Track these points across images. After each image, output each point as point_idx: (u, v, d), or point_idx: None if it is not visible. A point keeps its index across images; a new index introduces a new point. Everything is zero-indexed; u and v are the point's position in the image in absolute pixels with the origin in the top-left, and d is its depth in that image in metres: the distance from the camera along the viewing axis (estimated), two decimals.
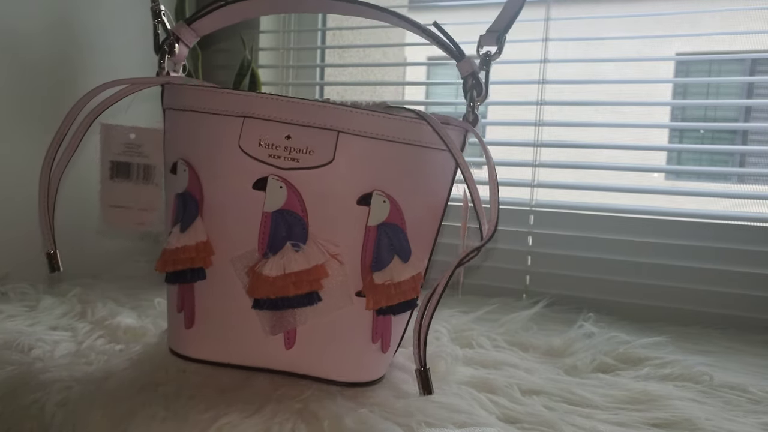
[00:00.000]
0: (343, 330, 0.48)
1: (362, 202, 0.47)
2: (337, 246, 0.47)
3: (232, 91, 0.47)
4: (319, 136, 0.46)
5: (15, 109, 0.79)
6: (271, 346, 0.49)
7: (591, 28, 0.92)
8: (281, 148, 0.46)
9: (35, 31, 0.81)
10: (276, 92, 1.14)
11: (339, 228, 0.47)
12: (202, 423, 0.43)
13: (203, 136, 0.48)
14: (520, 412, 0.48)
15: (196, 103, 0.48)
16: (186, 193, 0.49)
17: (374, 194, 0.47)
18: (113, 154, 0.54)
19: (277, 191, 0.46)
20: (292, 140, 0.46)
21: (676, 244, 0.82)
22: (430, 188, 0.50)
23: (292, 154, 0.46)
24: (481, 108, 0.54)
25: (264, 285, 0.46)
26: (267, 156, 0.46)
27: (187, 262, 0.48)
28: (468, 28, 1.01)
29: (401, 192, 0.47)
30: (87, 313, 0.69)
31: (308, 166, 0.46)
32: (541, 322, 0.74)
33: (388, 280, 0.47)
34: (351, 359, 0.50)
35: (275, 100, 0.46)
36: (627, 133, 0.99)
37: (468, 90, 0.51)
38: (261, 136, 0.46)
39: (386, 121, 0.46)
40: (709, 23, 0.96)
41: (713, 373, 0.58)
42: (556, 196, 0.91)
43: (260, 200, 0.46)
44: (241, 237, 0.47)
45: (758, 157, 1.67)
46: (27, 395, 0.47)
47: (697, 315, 0.80)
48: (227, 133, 0.47)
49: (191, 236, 0.48)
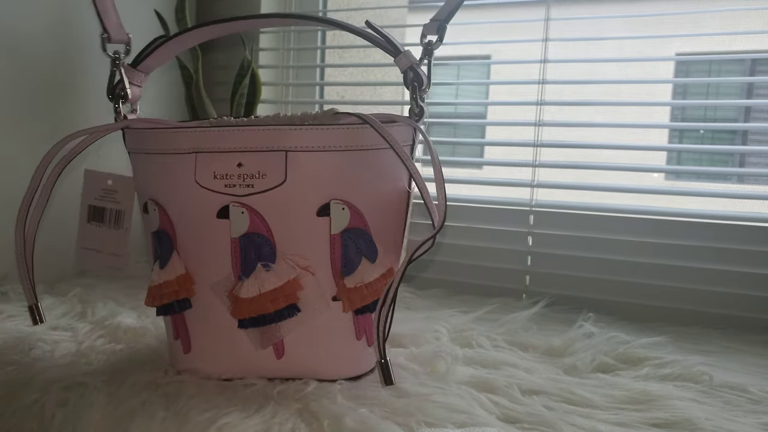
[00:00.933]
0: (327, 333, 0.51)
1: (322, 213, 0.48)
2: (306, 258, 0.49)
3: (180, 128, 0.49)
4: (268, 159, 0.47)
5: (15, 110, 0.80)
6: (264, 358, 0.51)
7: (591, 28, 0.92)
8: (235, 177, 0.48)
9: (36, 31, 0.81)
10: (276, 92, 1.14)
11: (304, 241, 0.49)
12: (202, 423, 0.43)
13: (163, 176, 0.50)
14: (519, 412, 0.48)
15: (153, 145, 0.50)
16: (160, 231, 0.51)
17: (332, 203, 0.48)
18: (92, 199, 0.56)
19: (240, 216, 0.48)
20: (244, 167, 0.48)
21: (675, 244, 0.82)
22: (387, 187, 0.51)
23: (246, 181, 0.48)
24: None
25: (243, 306, 0.48)
26: (223, 186, 0.48)
27: (171, 295, 0.51)
28: (468, 28, 1.01)
29: (358, 196, 0.49)
30: (87, 313, 0.69)
31: (263, 189, 0.48)
32: (540, 322, 0.74)
33: (359, 282, 0.49)
34: (340, 357, 0.52)
35: (221, 131, 0.48)
36: (627, 133, 0.99)
37: (410, 83, 0.52)
38: (214, 168, 0.48)
39: (330, 132, 0.47)
40: (709, 23, 0.96)
41: (713, 373, 0.58)
42: (556, 196, 0.91)
43: (226, 228, 0.49)
44: (216, 264, 0.50)
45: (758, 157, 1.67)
46: (27, 395, 0.47)
47: (696, 315, 0.80)
48: (183, 170, 0.49)
49: (170, 272, 0.50)
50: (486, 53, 1.73)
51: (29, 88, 0.81)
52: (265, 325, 0.49)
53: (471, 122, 1.58)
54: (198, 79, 0.90)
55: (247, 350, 0.50)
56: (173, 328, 0.53)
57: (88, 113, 0.88)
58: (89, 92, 0.88)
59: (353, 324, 0.51)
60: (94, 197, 0.57)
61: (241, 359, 0.51)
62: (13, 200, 0.80)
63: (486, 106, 1.34)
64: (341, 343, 0.52)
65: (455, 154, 1.71)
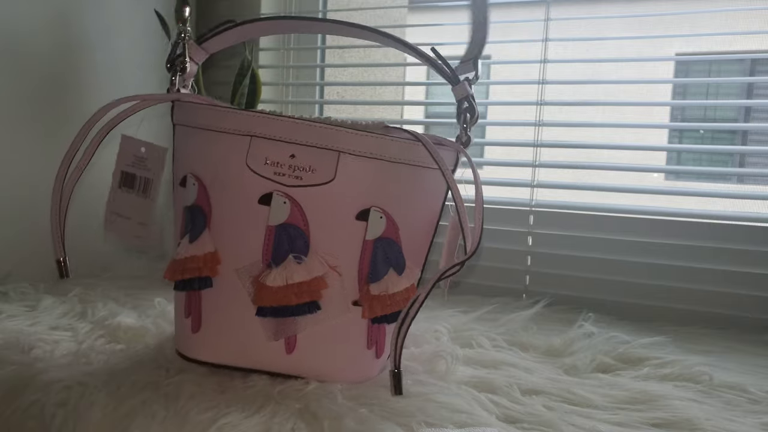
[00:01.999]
0: (340, 336, 0.51)
1: (361, 218, 0.49)
2: (336, 258, 0.50)
3: (240, 111, 0.50)
4: (321, 156, 0.49)
5: (16, 109, 0.80)
6: (273, 351, 0.51)
7: (591, 28, 0.92)
8: (286, 167, 0.49)
9: (36, 31, 0.81)
10: (276, 92, 1.14)
11: (338, 241, 0.50)
12: (202, 423, 0.43)
13: (213, 153, 0.51)
14: (519, 411, 0.48)
15: (207, 121, 0.51)
16: (194, 206, 0.51)
17: (372, 210, 0.50)
18: (125, 165, 0.57)
19: (281, 206, 0.49)
20: (296, 159, 0.49)
21: (675, 244, 0.82)
22: (424, 204, 0.53)
23: (296, 173, 0.49)
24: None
25: (267, 294, 0.48)
26: (272, 174, 0.49)
27: (195, 271, 0.50)
28: (468, 29, 1.01)
29: (397, 208, 0.50)
30: (87, 313, 0.69)
31: (311, 183, 0.49)
32: (540, 321, 0.74)
33: (383, 291, 0.50)
34: (347, 363, 0.52)
35: (281, 121, 0.49)
36: (627, 133, 0.99)
37: (462, 113, 0.54)
38: (267, 155, 0.49)
39: (384, 142, 0.49)
40: (709, 23, 0.96)
41: (713, 373, 0.58)
42: (556, 196, 0.91)
43: (264, 214, 0.49)
44: (246, 248, 0.50)
45: (758, 157, 1.67)
46: (27, 395, 0.47)
47: (696, 315, 0.80)
48: (235, 151, 0.49)
49: (199, 247, 0.50)
50: (486, 53, 1.73)
51: (30, 88, 0.81)
52: (284, 316, 0.49)
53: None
54: (198, 78, 0.90)
55: (258, 340, 0.50)
56: (186, 305, 0.53)
57: (88, 113, 0.88)
58: (89, 91, 0.88)
59: (366, 332, 0.52)
60: (127, 163, 0.57)
61: (250, 348, 0.51)
62: (14, 200, 0.80)
63: (486, 106, 1.34)
64: (351, 349, 0.52)
65: None
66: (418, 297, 0.45)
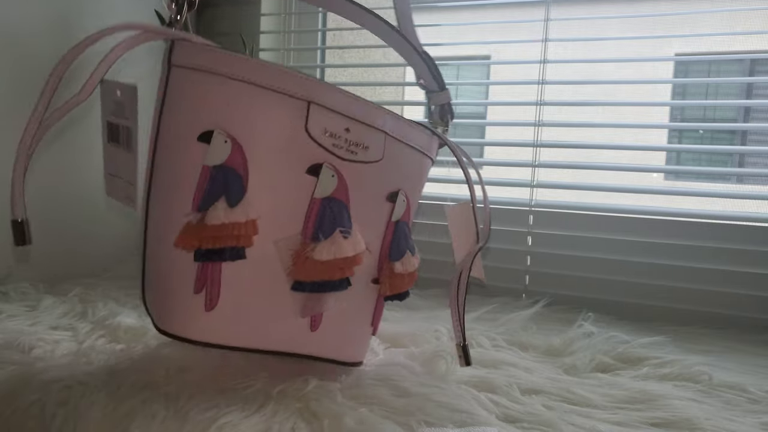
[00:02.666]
0: (355, 314, 0.53)
1: (390, 199, 0.52)
2: (367, 236, 0.50)
3: (297, 73, 0.46)
4: (373, 135, 0.49)
5: (16, 110, 0.80)
6: (298, 329, 0.50)
7: (590, 28, 0.92)
8: (342, 139, 0.48)
9: (36, 30, 0.81)
10: None
11: (371, 220, 0.51)
12: (202, 423, 0.43)
13: (263, 112, 0.45)
14: (519, 411, 0.48)
15: (244, 74, 0.45)
16: (226, 167, 0.45)
17: (399, 193, 0.53)
18: (108, 114, 0.48)
19: (330, 179, 0.48)
20: (350, 134, 0.48)
21: (674, 244, 0.83)
22: (420, 190, 0.58)
23: (351, 147, 0.48)
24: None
25: (313, 268, 0.47)
26: (331, 145, 0.47)
27: (230, 240, 0.45)
28: (468, 29, 1.01)
29: (411, 192, 0.54)
30: (88, 313, 0.69)
31: (364, 160, 0.49)
32: (540, 321, 0.74)
33: (405, 270, 0.53)
34: (355, 342, 0.55)
35: (339, 92, 0.47)
36: (626, 133, 1.00)
37: (444, 115, 0.60)
38: (326, 124, 0.47)
39: (416, 132, 0.54)
40: (709, 23, 0.96)
41: (712, 373, 0.58)
42: (555, 196, 0.91)
43: (309, 185, 0.47)
44: (287, 219, 0.47)
45: (757, 158, 1.67)
46: (28, 395, 0.47)
47: (696, 315, 0.80)
48: (293, 114, 0.46)
49: (242, 212, 0.45)
50: (486, 53, 1.73)
51: (30, 87, 0.81)
52: (323, 291, 0.48)
53: (471, 122, 1.58)
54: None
55: (283, 317, 0.49)
56: (198, 279, 0.46)
57: (89, 113, 0.88)
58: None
59: (373, 311, 0.55)
60: (111, 112, 0.49)
61: (273, 326, 0.49)
62: None
63: (486, 106, 1.34)
64: (360, 328, 0.55)
65: None
66: (462, 272, 0.52)
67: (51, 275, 0.81)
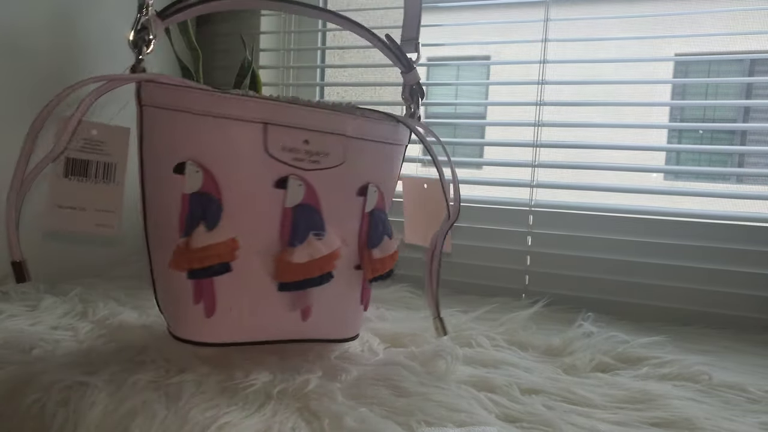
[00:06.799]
0: (344, 298, 0.59)
1: (360, 193, 0.56)
2: (343, 230, 0.55)
3: (251, 98, 0.50)
4: (332, 141, 0.53)
5: (16, 110, 0.80)
6: (291, 321, 0.56)
7: (590, 28, 0.92)
8: (302, 152, 0.52)
9: (36, 31, 0.81)
10: (276, 92, 1.14)
11: (345, 216, 0.56)
12: (202, 422, 0.43)
13: (219, 140, 0.50)
14: (519, 411, 0.48)
15: (201, 107, 0.49)
16: (202, 194, 0.50)
17: (369, 186, 0.57)
18: (73, 151, 0.51)
19: (297, 188, 0.52)
20: (310, 144, 0.52)
21: (674, 244, 0.83)
22: (395, 176, 0.62)
23: (313, 157, 0.53)
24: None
25: (294, 271, 0.52)
26: (292, 159, 0.52)
27: (215, 258, 0.51)
28: (468, 29, 1.01)
29: (384, 182, 0.58)
30: (88, 313, 0.69)
31: (327, 166, 0.53)
32: (540, 321, 0.74)
33: (383, 254, 0.57)
34: (348, 320, 0.61)
35: (293, 108, 0.51)
36: (626, 133, 0.99)
37: (414, 95, 0.63)
38: (284, 142, 0.51)
39: (379, 125, 0.56)
40: (708, 24, 0.96)
41: (712, 373, 0.58)
42: (555, 196, 0.92)
43: (279, 197, 0.52)
44: (263, 230, 0.52)
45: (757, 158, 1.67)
46: (28, 395, 0.47)
47: (695, 315, 0.80)
48: (251, 138, 0.50)
49: (220, 234, 0.51)
50: (486, 54, 1.73)
51: (30, 88, 0.81)
52: (305, 288, 0.53)
53: (471, 122, 1.58)
54: (198, 79, 0.90)
55: (276, 313, 0.55)
56: (195, 292, 0.53)
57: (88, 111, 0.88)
58: (88, 91, 0.88)
59: (360, 291, 0.60)
60: (73, 148, 0.50)
61: (268, 322, 0.55)
62: None
63: (486, 106, 1.34)
64: (351, 308, 0.60)
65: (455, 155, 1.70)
66: (435, 247, 0.57)
67: (51, 275, 0.81)
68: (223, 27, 1.09)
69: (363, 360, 0.58)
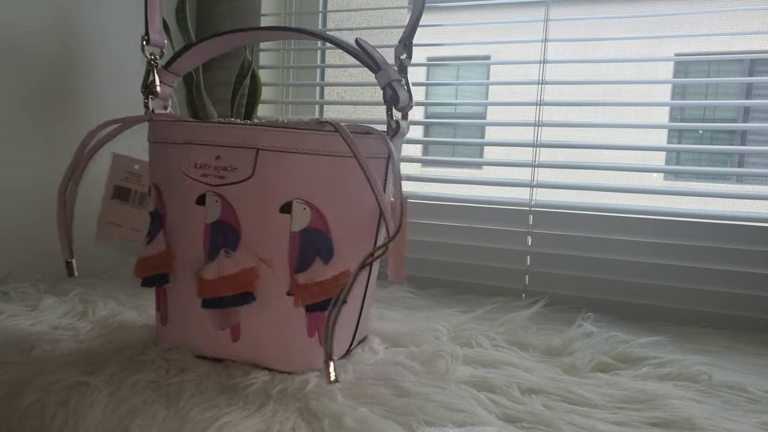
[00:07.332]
0: (281, 325, 0.54)
1: (284, 210, 0.52)
2: (266, 251, 0.52)
3: (180, 121, 0.55)
4: (241, 155, 0.52)
5: (16, 110, 0.80)
6: (221, 340, 0.55)
7: (590, 28, 0.92)
8: (211, 168, 0.53)
9: (36, 31, 0.81)
10: (276, 93, 1.14)
11: (267, 234, 0.52)
12: (202, 422, 0.43)
13: (162, 162, 0.57)
14: (519, 411, 0.48)
15: (158, 136, 0.57)
16: (154, 212, 0.57)
17: (294, 202, 0.51)
18: (118, 180, 0.65)
19: (214, 205, 0.53)
20: (220, 160, 0.53)
21: (674, 244, 0.83)
22: (357, 195, 0.53)
23: (219, 173, 0.53)
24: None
25: (205, 287, 0.52)
26: (200, 175, 0.53)
27: (153, 269, 0.56)
28: (468, 29, 1.01)
29: (324, 199, 0.52)
30: (88, 313, 0.69)
31: (232, 181, 0.52)
32: (540, 321, 0.74)
33: (310, 280, 0.51)
34: (291, 350, 0.54)
35: (207, 126, 0.53)
36: (626, 133, 1.00)
37: (387, 101, 0.56)
38: (196, 159, 0.53)
39: (301, 136, 0.51)
40: (709, 24, 0.96)
41: (712, 373, 0.58)
42: (555, 196, 0.92)
43: (204, 213, 0.53)
44: (191, 246, 0.54)
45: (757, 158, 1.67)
46: (28, 395, 0.47)
47: (695, 315, 0.80)
48: (178, 158, 0.54)
49: (155, 247, 0.56)
50: (485, 54, 1.73)
51: (30, 89, 0.81)
52: (224, 307, 0.52)
53: (471, 122, 1.59)
54: (199, 79, 0.90)
55: (207, 329, 0.55)
56: (156, 300, 0.59)
57: (88, 112, 0.88)
58: (89, 92, 0.88)
59: (306, 320, 0.53)
60: (120, 178, 0.65)
61: (202, 337, 0.55)
62: (14, 200, 0.80)
63: (486, 106, 1.35)
64: (293, 337, 0.54)
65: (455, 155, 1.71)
66: (346, 284, 0.45)
67: (51, 275, 0.81)
68: (223, 27, 1.09)
69: (363, 360, 0.58)
